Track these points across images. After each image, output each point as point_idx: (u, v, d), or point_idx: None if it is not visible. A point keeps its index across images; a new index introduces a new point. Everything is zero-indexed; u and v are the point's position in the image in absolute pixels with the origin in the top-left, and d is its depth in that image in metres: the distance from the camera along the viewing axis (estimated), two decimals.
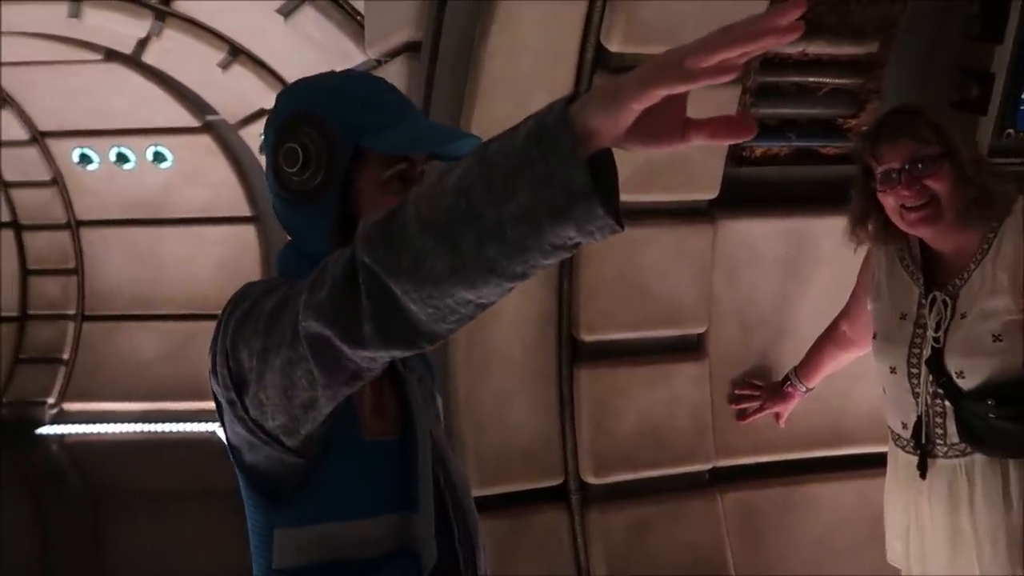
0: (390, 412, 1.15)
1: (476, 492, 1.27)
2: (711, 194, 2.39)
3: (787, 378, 2.42)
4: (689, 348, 2.48)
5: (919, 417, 1.88)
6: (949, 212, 1.79)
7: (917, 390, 1.88)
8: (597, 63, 2.23)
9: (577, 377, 2.39)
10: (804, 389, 2.41)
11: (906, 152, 1.78)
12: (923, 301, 1.88)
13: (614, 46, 2.18)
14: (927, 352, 1.85)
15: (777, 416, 2.48)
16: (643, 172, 2.31)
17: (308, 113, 1.14)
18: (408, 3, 2.42)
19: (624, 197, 2.67)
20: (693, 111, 2.71)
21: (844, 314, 2.26)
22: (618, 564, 2.37)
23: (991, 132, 2.29)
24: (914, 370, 1.89)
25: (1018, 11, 2.19)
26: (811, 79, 2.43)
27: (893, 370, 1.93)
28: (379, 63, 2.73)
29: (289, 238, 1.21)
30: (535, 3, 2.15)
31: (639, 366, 2.42)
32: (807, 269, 2.53)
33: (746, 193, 2.46)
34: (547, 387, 2.39)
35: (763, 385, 2.48)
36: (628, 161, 2.55)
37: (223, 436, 1.14)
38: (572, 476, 2.40)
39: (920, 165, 1.77)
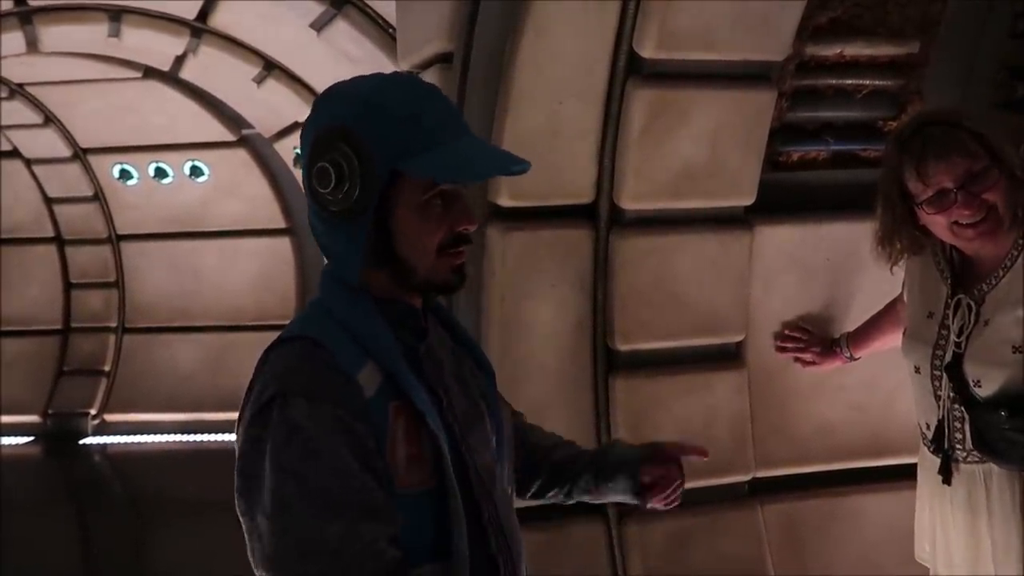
0: (426, 460, 1.13)
1: (516, 505, 1.26)
2: (748, 200, 2.35)
3: (837, 340, 2.36)
4: (727, 357, 2.44)
5: (939, 421, 1.86)
6: (1007, 221, 1.74)
7: (939, 393, 1.85)
8: (630, 70, 2.21)
9: (613, 387, 2.36)
10: (850, 356, 2.34)
11: (960, 170, 1.72)
12: (949, 302, 1.84)
13: (647, 52, 2.16)
14: (949, 356, 1.82)
15: (811, 363, 2.39)
16: (679, 179, 2.28)
17: (344, 129, 1.09)
18: (440, 14, 2.43)
19: (660, 204, 2.66)
20: (730, 117, 2.67)
21: (901, 296, 2.17)
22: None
23: None
24: (936, 372, 1.85)
25: None
26: (849, 81, 2.38)
27: (917, 370, 1.91)
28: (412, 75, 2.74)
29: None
30: (566, 12, 2.14)
31: (676, 375, 2.38)
32: (847, 275, 2.47)
33: (784, 199, 2.42)
34: (583, 397, 2.36)
35: (814, 333, 2.39)
36: (665, 168, 2.53)
37: None
38: None
39: (975, 181, 1.71)
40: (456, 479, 1.13)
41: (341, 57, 4.64)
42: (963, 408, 1.80)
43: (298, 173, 7.67)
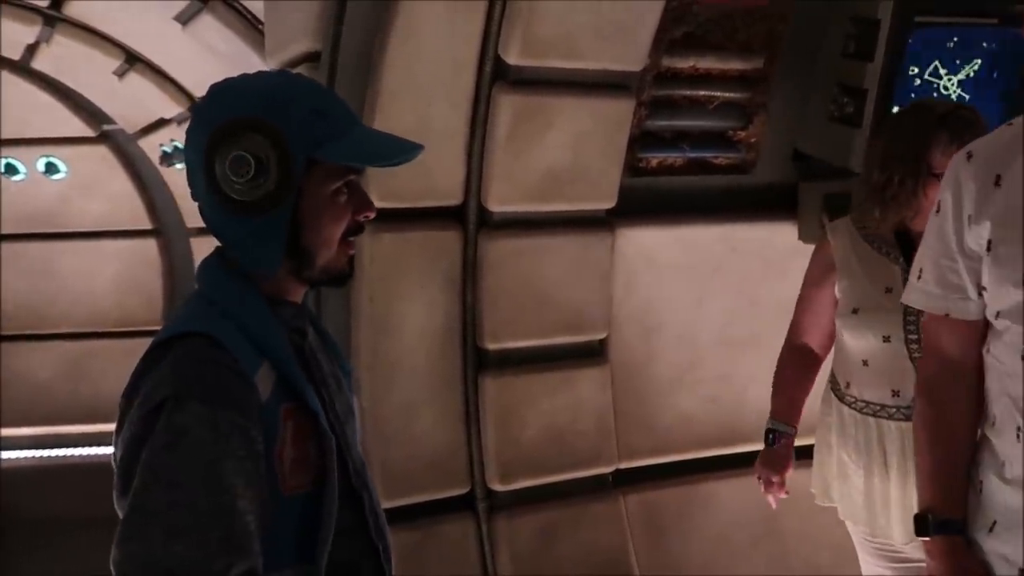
0: (311, 463, 1.12)
1: (384, 505, 1.27)
2: (609, 204, 2.46)
3: (773, 433, 2.16)
4: (591, 354, 2.54)
5: None
6: None
7: (915, 355, 1.87)
8: (496, 75, 2.26)
9: (482, 385, 2.41)
10: (794, 431, 2.16)
11: None
12: (907, 277, 1.81)
13: (512, 58, 2.22)
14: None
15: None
16: (545, 182, 2.36)
17: (256, 120, 1.08)
18: (307, 13, 2.40)
19: (526, 207, 2.72)
20: (592, 124, 2.76)
21: (801, 332, 2.14)
22: (525, 569, 2.40)
23: (865, 144, 2.42)
24: (912, 336, 1.89)
25: (886, 32, 2.34)
26: (702, 93, 2.53)
27: (887, 339, 1.92)
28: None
29: (216, 252, 1.16)
30: (433, 15, 2.17)
31: (543, 373, 2.46)
32: (702, 275, 2.63)
33: (643, 203, 2.54)
34: (452, 397, 2.40)
35: (767, 469, 2.18)
36: (531, 172, 2.60)
37: None
38: (478, 485, 2.42)
39: None
40: (337, 476, 1.14)
41: (207, 52, 4.48)
42: None
43: (169, 170, 7.41)
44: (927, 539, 1.36)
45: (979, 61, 2.47)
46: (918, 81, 2.44)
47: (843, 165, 2.47)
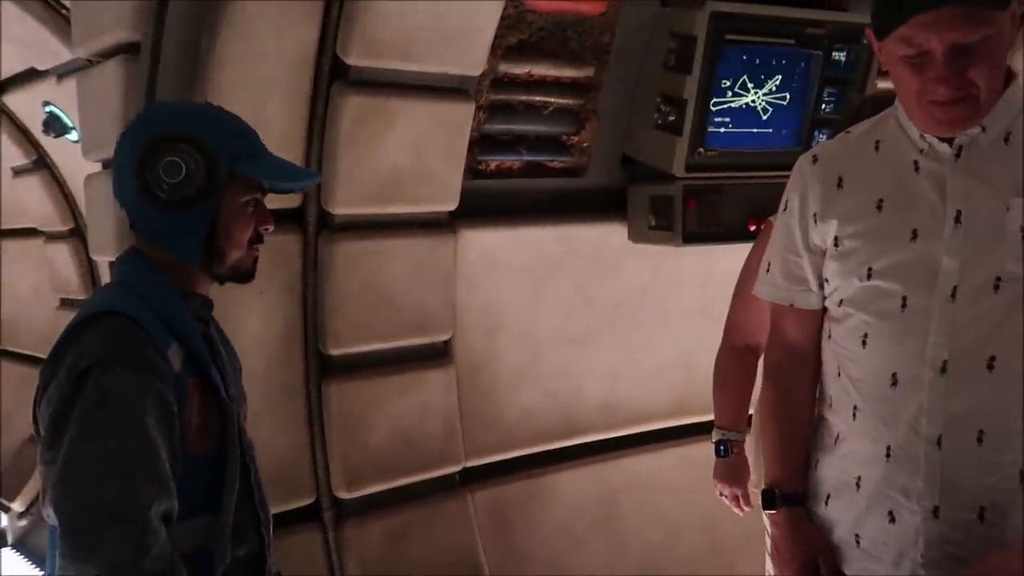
0: (213, 430, 1.33)
1: None
2: (452, 206, 2.49)
3: (724, 444, 2.10)
4: (437, 355, 2.56)
5: None
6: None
7: None
8: (335, 75, 2.22)
9: (326, 392, 2.36)
10: (744, 437, 2.12)
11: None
12: None
13: (351, 59, 2.19)
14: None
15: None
16: (387, 184, 2.34)
17: (185, 134, 1.30)
18: (123, 1, 2.24)
19: (368, 209, 2.69)
20: (433, 127, 2.78)
21: (741, 329, 2.09)
22: (374, 573, 2.38)
23: (686, 151, 2.62)
24: None
25: (702, 48, 2.53)
26: (537, 98, 2.61)
27: None
28: (90, 63, 2.50)
29: (132, 249, 1.36)
30: (268, 12, 2.10)
31: (389, 376, 2.44)
32: (541, 274, 2.72)
33: (484, 204, 2.59)
34: (294, 404, 2.33)
35: (728, 483, 2.13)
36: (373, 174, 2.58)
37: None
38: (324, 494, 2.37)
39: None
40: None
41: (4, 39, 4.04)
42: None
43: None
44: (773, 512, 1.48)
45: (779, 77, 2.73)
46: (729, 94, 2.66)
47: (667, 169, 2.65)
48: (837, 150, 1.47)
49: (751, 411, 2.13)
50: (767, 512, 1.51)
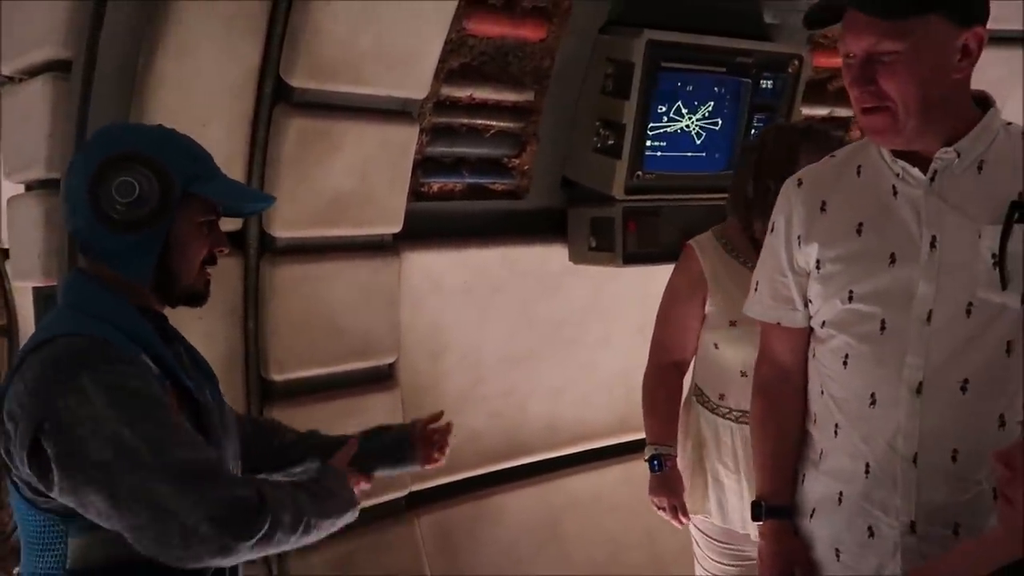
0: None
1: None
2: (395, 228, 2.48)
3: (657, 459, 2.11)
4: (381, 378, 2.53)
5: None
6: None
7: None
8: (278, 96, 2.20)
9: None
10: (675, 450, 2.14)
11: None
12: None
13: (296, 81, 2.16)
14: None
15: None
16: (331, 208, 2.32)
17: (140, 154, 1.28)
18: (53, 17, 2.16)
19: (312, 232, 2.65)
20: (377, 149, 2.76)
21: (668, 350, 2.15)
22: None
23: (625, 173, 2.68)
24: None
25: (639, 74, 2.61)
26: (479, 121, 2.64)
27: None
28: (12, 80, 2.40)
29: (77, 271, 1.37)
30: (209, 32, 2.06)
31: (333, 400, 2.40)
32: (484, 296, 2.73)
33: (427, 227, 2.59)
34: None
35: (664, 495, 2.13)
36: (316, 196, 2.54)
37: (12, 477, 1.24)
38: None
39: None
40: None
41: None
42: None
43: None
44: (760, 523, 1.52)
45: (712, 103, 2.84)
46: (665, 119, 2.75)
47: (607, 192, 2.70)
48: (821, 174, 1.50)
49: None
50: (755, 522, 1.54)
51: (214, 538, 1.14)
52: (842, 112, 3.29)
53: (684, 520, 2.13)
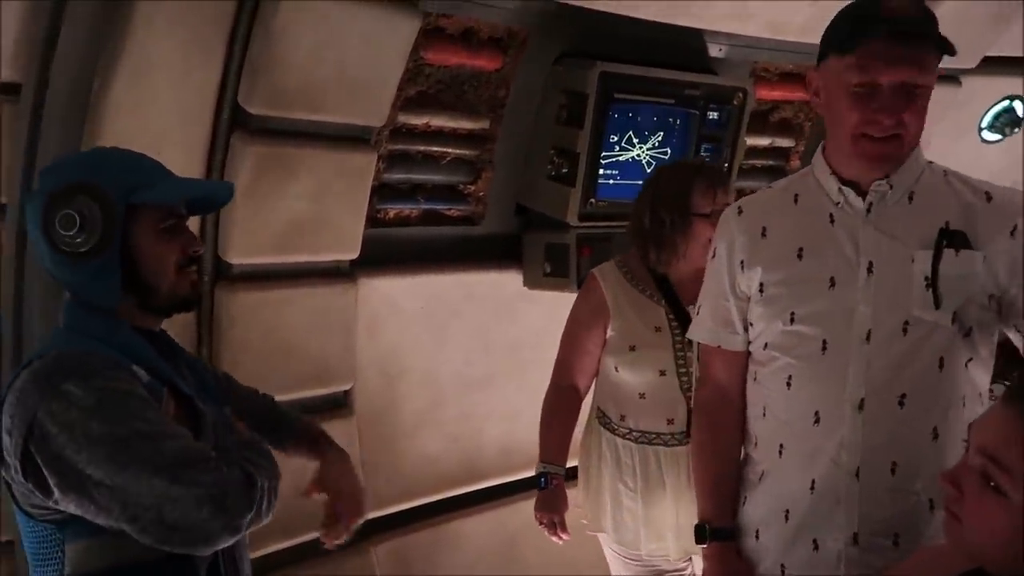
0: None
1: None
2: (353, 254, 2.48)
3: (545, 476, 2.19)
4: (337, 405, 2.52)
5: (689, 410, 2.01)
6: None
7: (686, 386, 2.07)
8: (235, 123, 2.19)
9: None
10: (564, 470, 2.22)
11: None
12: (671, 320, 2.09)
13: (254, 108, 2.16)
14: (693, 355, 2.03)
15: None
16: (287, 234, 2.31)
17: (79, 182, 1.29)
18: (3, 37, 2.11)
19: (268, 259, 2.62)
20: (335, 176, 2.76)
21: (570, 372, 2.23)
22: None
23: (579, 201, 2.74)
24: (683, 371, 2.09)
25: (593, 103, 2.67)
26: (435, 148, 2.66)
27: (663, 372, 2.09)
28: None
29: (70, 296, 1.36)
30: (165, 58, 2.04)
31: None
32: (441, 321, 2.74)
33: (383, 253, 2.60)
34: None
35: (547, 512, 2.20)
36: (273, 223, 2.52)
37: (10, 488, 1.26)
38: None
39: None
40: None
41: None
42: None
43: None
44: (704, 546, 1.55)
45: (661, 133, 2.92)
46: (617, 148, 2.82)
47: (562, 218, 2.76)
48: (760, 202, 1.58)
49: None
50: (699, 545, 1.57)
51: (217, 518, 1.19)
52: (783, 142, 3.42)
53: (564, 536, 2.20)
